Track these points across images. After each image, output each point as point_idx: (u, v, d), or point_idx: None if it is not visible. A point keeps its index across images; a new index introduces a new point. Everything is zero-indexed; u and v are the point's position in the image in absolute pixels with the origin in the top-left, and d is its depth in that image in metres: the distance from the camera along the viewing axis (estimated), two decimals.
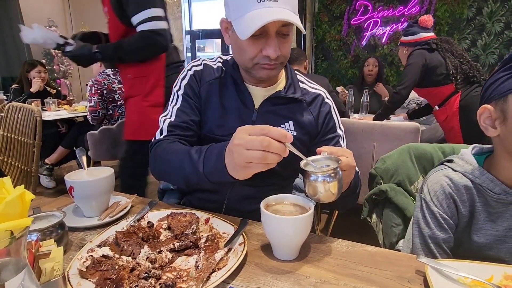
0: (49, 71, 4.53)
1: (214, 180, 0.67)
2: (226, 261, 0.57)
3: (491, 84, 0.65)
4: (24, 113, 1.71)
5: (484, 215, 0.69)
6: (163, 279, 0.52)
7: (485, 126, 0.66)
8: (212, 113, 0.87)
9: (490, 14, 3.54)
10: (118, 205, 0.81)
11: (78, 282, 0.50)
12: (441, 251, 0.71)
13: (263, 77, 0.79)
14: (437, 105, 2.19)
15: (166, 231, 0.70)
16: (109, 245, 0.61)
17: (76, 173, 0.78)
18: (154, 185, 3.29)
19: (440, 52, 2.10)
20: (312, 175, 0.59)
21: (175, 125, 0.84)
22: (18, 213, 0.33)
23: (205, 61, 0.92)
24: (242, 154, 0.55)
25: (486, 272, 0.55)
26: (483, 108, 0.65)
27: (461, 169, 0.71)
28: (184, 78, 0.90)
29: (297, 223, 0.58)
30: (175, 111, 0.87)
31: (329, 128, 0.91)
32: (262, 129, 0.55)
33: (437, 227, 0.71)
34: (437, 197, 0.71)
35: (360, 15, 4.15)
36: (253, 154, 0.54)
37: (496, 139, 0.66)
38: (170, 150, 0.78)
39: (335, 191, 0.59)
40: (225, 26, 0.81)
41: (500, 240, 0.69)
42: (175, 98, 0.89)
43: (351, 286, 0.54)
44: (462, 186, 0.70)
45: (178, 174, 0.74)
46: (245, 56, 0.77)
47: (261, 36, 0.73)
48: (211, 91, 0.87)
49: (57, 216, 0.63)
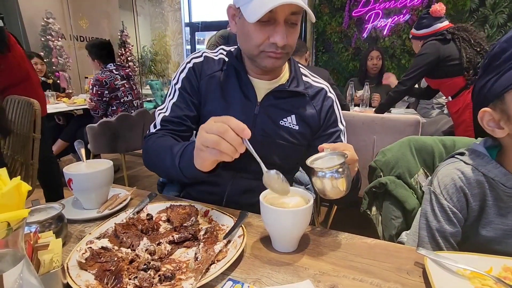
0: (48, 64, 4.50)
1: (187, 174, 0.70)
2: (225, 253, 0.57)
3: (480, 89, 0.64)
4: (23, 106, 1.70)
5: (494, 209, 0.68)
6: (162, 271, 0.52)
7: (491, 129, 0.64)
8: (213, 107, 0.86)
9: (493, 5, 3.50)
10: (117, 197, 0.81)
11: (77, 274, 0.50)
12: (448, 245, 0.70)
13: (267, 66, 0.78)
14: (450, 96, 2.14)
15: (165, 223, 0.70)
16: (108, 237, 0.61)
17: (75, 166, 0.78)
18: (154, 178, 3.31)
19: (456, 42, 2.00)
20: (319, 172, 0.59)
21: (168, 120, 0.85)
22: (14, 204, 0.33)
23: (206, 53, 0.91)
24: (202, 136, 0.58)
25: (485, 264, 0.55)
26: (482, 112, 0.64)
27: (473, 162, 0.69)
28: (183, 72, 0.88)
29: (296, 215, 0.58)
30: (171, 106, 0.87)
31: (331, 123, 0.90)
32: (224, 118, 0.57)
33: (446, 221, 0.69)
34: (447, 190, 0.70)
35: (361, 6, 4.10)
36: (208, 137, 0.56)
37: (506, 139, 0.64)
38: (158, 143, 0.80)
39: (343, 187, 0.59)
40: (232, 12, 0.79)
41: (508, 234, 0.68)
42: (172, 92, 0.88)
43: (350, 277, 0.54)
44: (474, 180, 0.68)
45: (161, 167, 0.78)
46: (251, 43, 0.75)
47: (270, 22, 0.72)
48: (212, 84, 0.86)
49: (56, 208, 0.63)
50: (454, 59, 1.99)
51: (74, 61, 4.81)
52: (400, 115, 2.09)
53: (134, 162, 3.78)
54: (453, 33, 2.03)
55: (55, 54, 4.45)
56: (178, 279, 0.51)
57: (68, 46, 4.77)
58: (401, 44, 4.02)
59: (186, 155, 0.68)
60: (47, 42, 4.41)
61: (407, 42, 3.93)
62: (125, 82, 2.73)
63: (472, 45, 1.98)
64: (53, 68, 4.44)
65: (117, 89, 2.67)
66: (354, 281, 0.53)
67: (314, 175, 0.60)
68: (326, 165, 0.59)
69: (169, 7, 6.18)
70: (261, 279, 0.53)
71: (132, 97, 2.79)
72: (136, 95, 2.85)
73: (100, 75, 2.60)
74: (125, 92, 2.72)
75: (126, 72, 2.76)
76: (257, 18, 0.68)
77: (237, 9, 0.75)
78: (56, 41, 4.44)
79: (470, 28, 2.04)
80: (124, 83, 2.72)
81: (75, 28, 4.91)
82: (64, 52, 4.56)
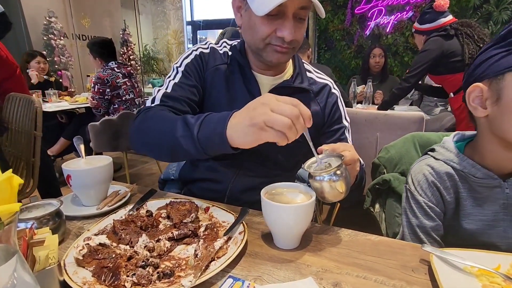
0: (50, 63, 4.50)
1: (207, 147, 0.60)
2: (225, 250, 0.56)
3: (483, 62, 0.61)
4: (24, 104, 1.69)
5: (470, 201, 0.69)
6: (161, 268, 0.51)
7: (474, 106, 0.63)
8: (217, 100, 0.84)
9: (498, 2, 3.45)
10: (117, 194, 0.80)
11: (74, 271, 0.49)
12: (431, 239, 0.70)
13: (273, 61, 0.76)
14: (452, 93, 2.12)
15: (165, 220, 0.69)
16: (107, 233, 0.60)
17: (73, 162, 0.77)
18: (156, 176, 3.30)
19: (459, 38, 1.96)
20: (317, 176, 0.58)
21: (170, 96, 0.77)
22: (6, 198, 0.32)
23: (212, 45, 0.89)
24: (266, 114, 0.51)
25: (493, 261, 0.53)
26: (474, 86, 0.62)
27: (442, 157, 0.71)
28: (188, 57, 0.85)
29: (298, 211, 0.57)
30: (171, 85, 0.79)
31: (335, 119, 0.89)
32: (292, 100, 0.53)
33: (424, 216, 0.71)
34: (420, 186, 0.72)
35: (364, 3, 4.07)
36: (278, 118, 0.51)
37: (483, 120, 0.63)
38: (161, 115, 0.70)
39: (342, 189, 0.58)
40: (238, 5, 0.77)
41: (489, 225, 0.68)
42: (174, 73, 0.83)
43: (353, 275, 0.53)
44: (444, 173, 0.69)
45: (165, 139, 0.65)
46: (257, 35, 0.73)
47: (278, 16, 0.70)
48: (216, 77, 0.84)
49: (54, 205, 0.62)
50: (456, 55, 1.97)
51: (76, 59, 4.82)
52: (404, 112, 2.07)
53: (136, 160, 3.78)
54: (456, 29, 2.00)
55: (57, 53, 4.45)
56: (177, 276, 0.50)
57: (70, 45, 4.77)
58: (404, 42, 3.98)
59: (210, 123, 0.60)
60: (49, 41, 4.42)
61: (410, 39, 3.89)
62: (127, 80, 2.72)
63: (476, 41, 1.94)
64: (55, 67, 4.45)
65: (118, 87, 2.66)
66: (358, 278, 0.52)
67: (312, 179, 0.59)
68: (324, 168, 0.58)
69: (171, 6, 6.17)
70: (262, 277, 0.52)
71: (133, 95, 2.79)
72: (138, 93, 2.84)
73: (101, 73, 2.60)
74: (126, 90, 2.72)
75: (127, 70, 2.75)
76: (267, 11, 0.66)
77: (243, 0, 0.74)
78: (58, 40, 4.45)
79: (474, 24, 2.00)
80: (125, 81, 2.71)
81: (77, 27, 4.91)
82: (66, 51, 4.56)
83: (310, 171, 0.58)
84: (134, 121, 0.75)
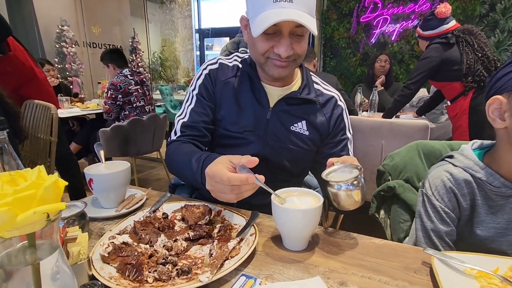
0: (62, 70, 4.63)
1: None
2: (238, 250, 0.60)
3: (504, 75, 0.64)
4: (41, 110, 1.77)
5: (484, 208, 0.71)
6: (179, 266, 0.55)
7: (493, 118, 0.66)
8: (227, 111, 0.89)
9: (504, 10, 3.48)
10: (133, 197, 0.84)
11: (100, 267, 0.54)
12: (444, 244, 0.72)
13: (274, 75, 0.81)
14: (449, 101, 2.15)
15: (180, 222, 0.73)
16: (128, 233, 0.64)
17: (94, 167, 0.82)
18: (164, 181, 3.35)
19: (459, 46, 1.98)
20: (335, 185, 0.62)
21: (187, 125, 0.88)
22: (53, 198, 0.36)
23: (221, 59, 0.94)
24: (218, 196, 0.62)
25: (492, 264, 0.56)
26: (494, 99, 0.65)
27: (461, 164, 0.73)
28: (199, 78, 0.92)
29: (306, 215, 0.61)
30: (189, 112, 0.90)
31: (339, 131, 0.93)
32: (223, 180, 0.58)
33: (439, 221, 0.73)
34: (438, 191, 0.73)
35: (369, 12, 4.13)
36: (228, 197, 0.60)
37: (502, 131, 0.66)
38: (179, 153, 0.83)
39: (358, 198, 0.62)
40: (245, 23, 0.83)
41: (501, 232, 0.70)
42: (190, 98, 0.92)
43: (359, 275, 0.56)
44: (462, 180, 0.71)
45: (184, 176, 0.83)
46: (257, 51, 0.79)
47: (275, 34, 0.75)
48: (226, 90, 0.90)
49: (79, 206, 0.67)
50: (456, 63, 1.98)
51: (87, 66, 4.95)
52: (409, 120, 2.09)
53: (144, 165, 3.84)
54: (457, 36, 2.01)
55: (69, 60, 4.58)
56: (195, 273, 0.54)
57: (81, 52, 4.91)
58: (409, 50, 4.02)
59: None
60: (61, 48, 4.55)
61: (416, 47, 3.92)
62: (139, 87, 2.80)
63: (475, 50, 1.95)
64: (67, 74, 4.57)
65: (130, 94, 2.74)
66: (363, 278, 0.55)
67: (330, 187, 0.63)
68: (341, 178, 0.62)
69: (179, 14, 6.32)
70: (273, 275, 0.56)
71: (144, 103, 2.86)
72: (149, 101, 2.91)
73: (115, 80, 2.70)
74: (138, 97, 2.79)
75: (140, 78, 2.84)
76: (260, 32, 0.72)
77: (248, 20, 0.79)
78: (70, 48, 4.58)
79: (476, 31, 2.01)
80: (137, 88, 2.79)
81: (88, 35, 5.05)
82: (78, 58, 4.69)
83: (329, 180, 0.62)
84: (166, 153, 0.90)
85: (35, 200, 0.34)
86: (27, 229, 0.35)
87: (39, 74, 2.06)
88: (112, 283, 0.49)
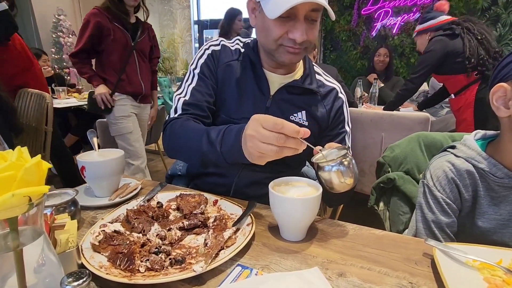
0: (59, 60, 4.57)
1: (231, 160, 0.67)
2: (234, 240, 0.58)
3: (509, 63, 0.63)
4: (36, 99, 1.73)
5: (487, 199, 0.70)
6: (173, 255, 0.53)
7: (497, 106, 0.64)
8: (229, 96, 0.86)
9: (506, 4, 3.43)
10: (127, 186, 0.82)
11: (91, 256, 0.52)
12: (445, 235, 0.71)
13: (285, 61, 0.78)
14: (454, 94, 2.12)
15: (175, 211, 0.71)
16: (120, 222, 0.62)
17: (87, 154, 0.80)
18: (161, 173, 3.33)
19: (461, 35, 1.96)
20: (326, 166, 0.60)
21: (189, 103, 0.83)
22: (35, 180, 0.34)
23: (223, 42, 0.91)
24: (256, 145, 0.55)
25: (495, 255, 0.55)
26: (498, 86, 0.63)
27: (463, 154, 0.71)
28: (201, 57, 0.88)
29: (305, 204, 0.59)
30: (190, 90, 0.85)
31: (338, 123, 0.91)
32: (275, 124, 0.54)
33: (440, 212, 0.71)
34: (439, 182, 0.72)
35: (370, 5, 4.07)
36: (267, 148, 0.54)
37: (505, 120, 0.65)
38: (187, 127, 0.77)
39: (351, 176, 0.60)
40: (252, 6, 0.80)
41: (503, 224, 0.69)
42: (191, 76, 0.88)
43: (358, 266, 0.54)
44: (464, 171, 0.70)
45: (194, 151, 0.73)
46: (270, 37, 0.75)
47: (289, 18, 0.72)
48: (228, 73, 0.87)
49: (70, 194, 0.65)
50: (459, 55, 1.95)
51: None
52: (409, 112, 2.07)
53: None
54: (458, 24, 1.99)
55: (65, 51, 4.52)
56: (188, 263, 0.52)
57: None
58: (410, 43, 3.97)
59: (229, 140, 0.65)
60: (58, 38, 4.49)
61: None
62: None
63: (475, 34, 1.93)
64: (64, 64, 4.51)
65: None
66: (362, 269, 0.53)
67: (321, 171, 0.61)
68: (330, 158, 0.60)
69: (177, 5, 6.22)
70: (270, 266, 0.54)
71: None
72: None
73: None
74: None
75: None
76: (278, 14, 0.68)
77: (257, 3, 0.76)
78: (67, 38, 4.51)
79: (474, 19, 2.01)
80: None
81: None
82: None
83: (318, 163, 0.60)
84: (164, 134, 0.83)
85: (14, 182, 0.32)
86: (8, 213, 0.33)
87: (36, 64, 2.04)
88: (102, 272, 0.47)
